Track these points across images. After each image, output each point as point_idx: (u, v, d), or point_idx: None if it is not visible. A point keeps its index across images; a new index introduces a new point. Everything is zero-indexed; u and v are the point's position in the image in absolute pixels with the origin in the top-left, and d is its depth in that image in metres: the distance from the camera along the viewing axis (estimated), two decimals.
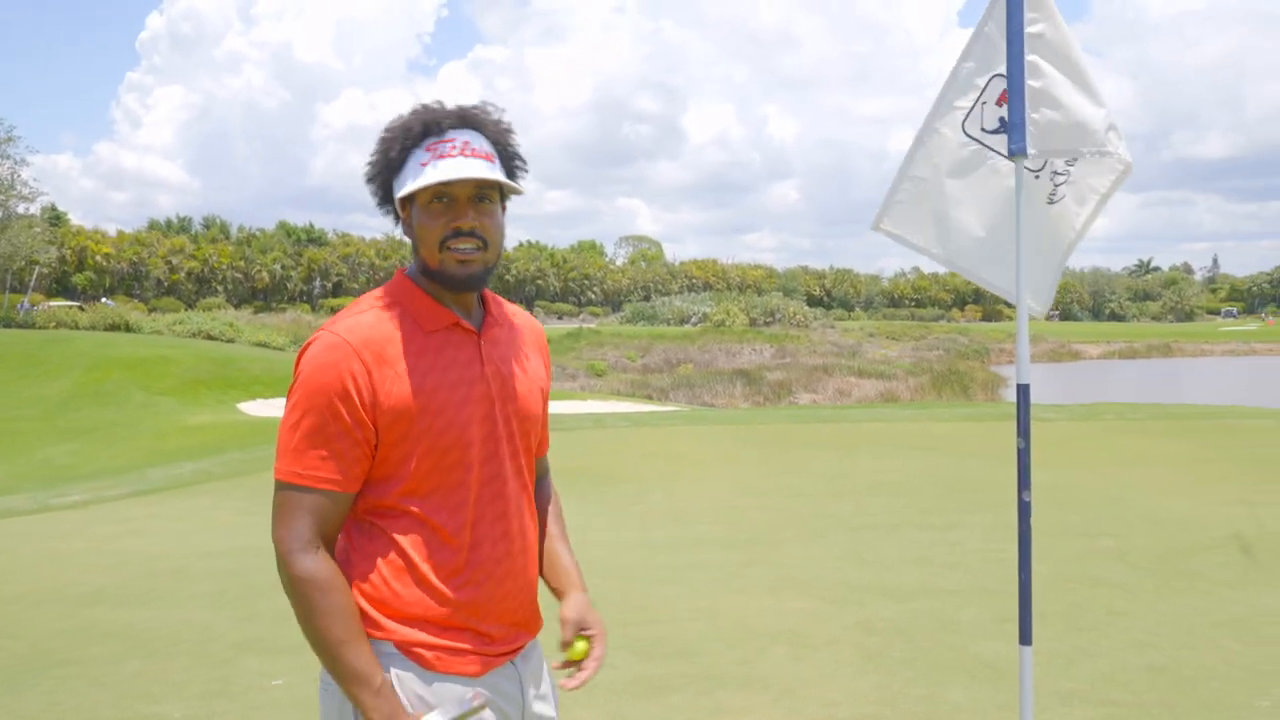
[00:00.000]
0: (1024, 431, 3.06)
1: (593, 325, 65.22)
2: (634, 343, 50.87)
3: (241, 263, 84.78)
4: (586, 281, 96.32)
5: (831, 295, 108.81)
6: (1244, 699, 4.05)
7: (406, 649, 1.70)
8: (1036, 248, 3.18)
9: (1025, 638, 3.08)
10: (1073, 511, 7.81)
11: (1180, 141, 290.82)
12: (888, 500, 8.41)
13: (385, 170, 1.74)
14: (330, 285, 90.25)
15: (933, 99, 3.23)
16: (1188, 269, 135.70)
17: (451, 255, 1.70)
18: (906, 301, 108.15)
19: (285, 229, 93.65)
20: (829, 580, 5.94)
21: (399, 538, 1.71)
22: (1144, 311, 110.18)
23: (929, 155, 3.18)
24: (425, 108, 1.74)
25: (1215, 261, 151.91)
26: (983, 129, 3.14)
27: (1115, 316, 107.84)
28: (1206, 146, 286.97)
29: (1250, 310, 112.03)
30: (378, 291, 1.77)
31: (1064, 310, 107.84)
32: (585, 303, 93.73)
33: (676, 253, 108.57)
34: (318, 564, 1.65)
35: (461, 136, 1.70)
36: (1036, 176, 3.17)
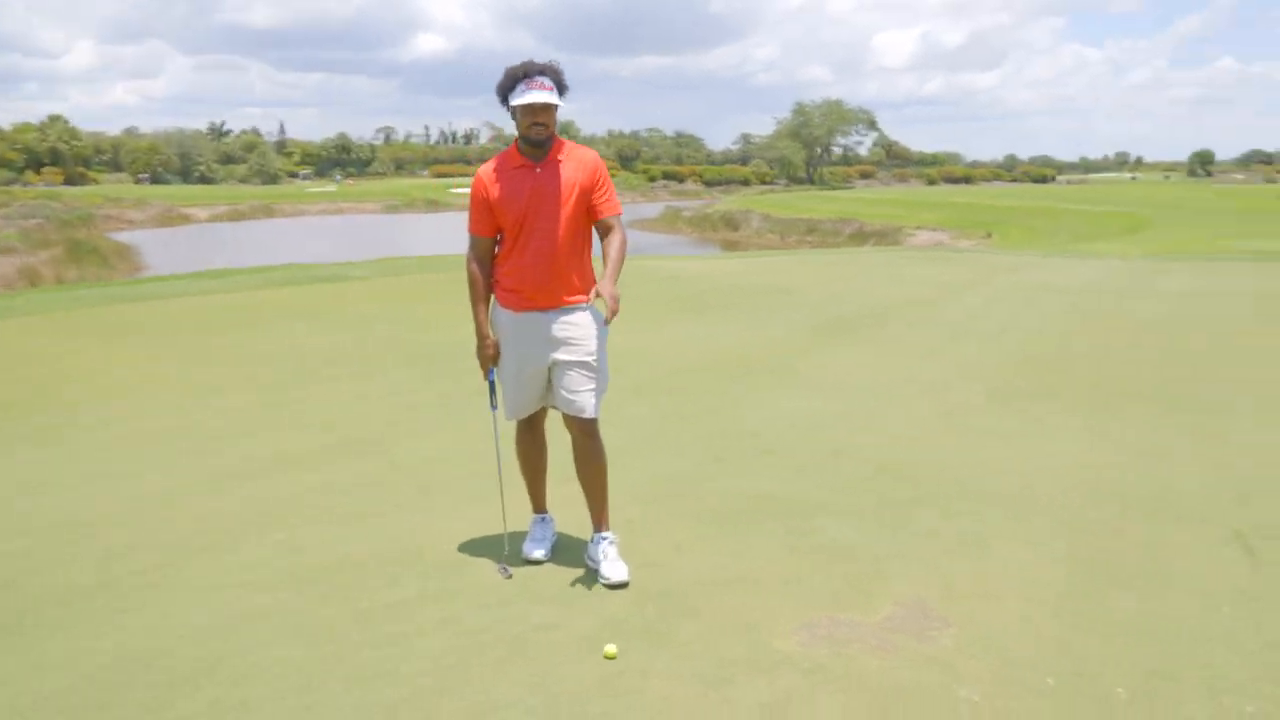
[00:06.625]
0: None
1: None
2: None
3: None
4: None
5: None
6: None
7: None
8: None
9: None
10: None
11: (231, 5, 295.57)
12: (383, 380, 7.18)
13: (505, 90, 3.58)
14: None
15: None
16: (258, 133, 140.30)
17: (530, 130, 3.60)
18: None
19: None
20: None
21: None
22: (232, 174, 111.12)
23: None
24: (524, 64, 3.55)
25: (282, 128, 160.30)
26: None
27: (205, 179, 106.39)
28: (254, 14, 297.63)
29: (320, 173, 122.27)
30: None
31: (154, 174, 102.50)
32: None
33: None
34: None
35: (539, 79, 3.53)
36: None
